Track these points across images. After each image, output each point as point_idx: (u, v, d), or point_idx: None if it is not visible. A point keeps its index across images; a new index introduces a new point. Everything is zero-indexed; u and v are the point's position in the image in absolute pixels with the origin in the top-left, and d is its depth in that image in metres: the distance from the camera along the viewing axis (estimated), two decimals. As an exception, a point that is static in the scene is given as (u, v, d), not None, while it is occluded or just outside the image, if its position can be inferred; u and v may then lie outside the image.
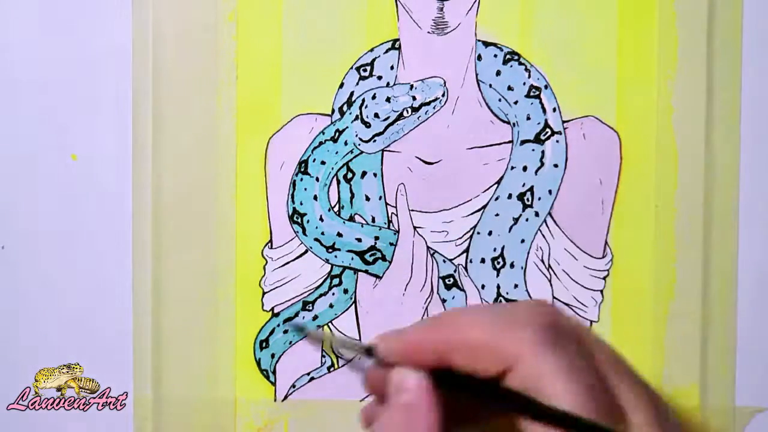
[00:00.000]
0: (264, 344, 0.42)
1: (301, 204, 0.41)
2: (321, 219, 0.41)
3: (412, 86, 0.41)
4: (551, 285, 0.41)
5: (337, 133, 0.41)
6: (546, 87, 0.41)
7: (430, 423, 0.28)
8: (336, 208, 0.42)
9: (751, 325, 0.41)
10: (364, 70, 0.41)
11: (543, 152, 0.41)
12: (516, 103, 0.41)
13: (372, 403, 0.32)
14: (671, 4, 0.40)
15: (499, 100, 0.41)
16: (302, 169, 0.41)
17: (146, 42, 0.41)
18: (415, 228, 0.41)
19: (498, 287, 0.41)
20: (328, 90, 0.41)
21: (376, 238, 0.41)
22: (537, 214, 0.41)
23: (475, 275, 0.41)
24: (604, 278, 0.41)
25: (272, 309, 0.42)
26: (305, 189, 0.41)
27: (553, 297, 0.41)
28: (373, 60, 0.41)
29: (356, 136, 0.41)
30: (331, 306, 0.42)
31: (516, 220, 0.41)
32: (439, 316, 0.30)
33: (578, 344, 0.28)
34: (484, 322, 0.28)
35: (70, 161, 0.42)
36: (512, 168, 0.41)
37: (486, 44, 0.41)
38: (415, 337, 0.29)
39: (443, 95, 0.41)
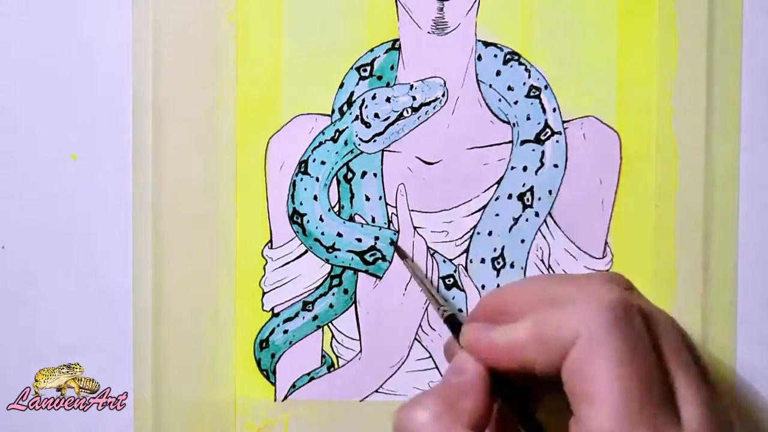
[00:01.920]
0: (264, 344, 0.42)
1: (301, 204, 0.41)
2: (321, 219, 0.41)
3: (412, 86, 0.41)
4: (551, 285, 0.41)
5: (337, 133, 0.41)
6: (546, 87, 0.41)
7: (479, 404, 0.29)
8: (336, 208, 0.42)
9: (751, 325, 0.41)
10: (364, 70, 0.41)
11: (543, 152, 0.41)
12: (516, 103, 0.41)
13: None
14: (671, 4, 0.40)
15: (499, 100, 0.41)
16: (302, 169, 0.41)
17: (146, 42, 0.41)
18: (415, 228, 0.41)
19: (498, 287, 0.41)
20: (328, 90, 0.41)
21: (376, 238, 0.41)
22: (537, 214, 0.41)
23: (475, 275, 0.41)
24: (604, 278, 0.41)
25: (272, 309, 0.42)
26: (305, 189, 0.41)
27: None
28: (373, 60, 0.41)
29: (356, 136, 0.41)
30: (331, 306, 0.42)
31: (516, 220, 0.41)
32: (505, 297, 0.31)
33: (644, 326, 0.27)
34: (546, 309, 0.28)
35: (70, 161, 0.42)
36: (512, 168, 0.41)
37: (486, 44, 0.41)
38: (490, 343, 0.30)
39: (443, 95, 0.41)
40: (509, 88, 0.41)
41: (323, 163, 0.41)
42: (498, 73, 0.41)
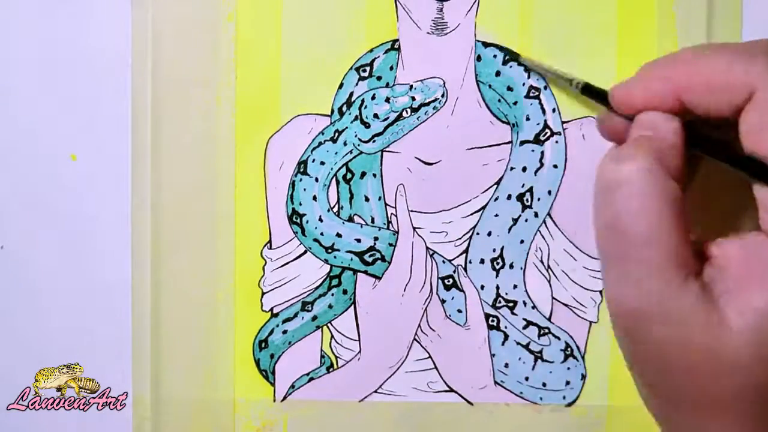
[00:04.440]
0: (263, 344, 0.42)
1: (301, 204, 0.41)
2: (320, 219, 0.41)
3: (411, 87, 0.41)
4: (550, 285, 0.41)
5: (336, 134, 0.41)
6: (545, 88, 0.41)
7: (680, 165, 0.27)
8: (335, 209, 0.42)
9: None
10: (364, 71, 0.41)
11: (542, 153, 0.41)
12: (515, 103, 0.41)
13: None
14: (671, 4, 0.40)
15: (499, 100, 0.41)
16: (301, 170, 0.41)
17: (145, 42, 0.41)
18: (414, 229, 0.41)
19: (497, 288, 0.41)
20: (327, 90, 0.41)
21: (376, 238, 0.41)
22: (536, 215, 0.41)
23: (475, 276, 0.41)
24: (604, 279, 0.41)
25: (271, 309, 0.42)
26: (304, 189, 0.41)
27: (553, 297, 0.41)
28: (373, 60, 0.41)
29: (356, 136, 0.41)
30: (330, 306, 0.42)
31: (515, 220, 0.41)
32: (671, 56, 0.29)
33: None
34: (719, 55, 0.27)
35: (70, 161, 0.42)
36: (512, 169, 0.41)
37: (485, 45, 0.41)
38: (650, 83, 0.28)
39: (443, 96, 0.41)
40: (509, 89, 0.41)
41: (323, 163, 0.41)
42: (497, 74, 0.41)
